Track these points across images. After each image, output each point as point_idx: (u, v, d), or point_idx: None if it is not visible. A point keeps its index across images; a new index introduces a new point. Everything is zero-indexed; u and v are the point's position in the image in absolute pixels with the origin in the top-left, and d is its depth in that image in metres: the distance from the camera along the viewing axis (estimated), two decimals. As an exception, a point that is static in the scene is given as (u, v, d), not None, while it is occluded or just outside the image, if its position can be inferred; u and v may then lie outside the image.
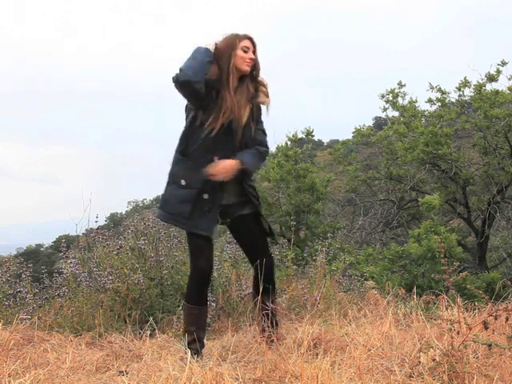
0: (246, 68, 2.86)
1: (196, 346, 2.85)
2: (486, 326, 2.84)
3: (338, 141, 14.30)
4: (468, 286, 3.31)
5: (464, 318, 3.10)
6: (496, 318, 2.87)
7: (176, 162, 2.88)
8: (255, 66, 2.91)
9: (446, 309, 3.75)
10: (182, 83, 2.67)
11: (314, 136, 12.22)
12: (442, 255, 2.90)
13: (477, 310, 4.02)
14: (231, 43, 2.84)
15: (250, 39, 2.90)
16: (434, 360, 2.62)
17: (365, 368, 2.64)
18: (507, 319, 2.86)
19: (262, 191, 10.43)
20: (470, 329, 2.78)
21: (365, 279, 6.38)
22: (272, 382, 2.52)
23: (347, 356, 2.84)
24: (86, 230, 5.14)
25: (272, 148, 11.38)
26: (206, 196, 2.80)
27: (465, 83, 9.67)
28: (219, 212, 2.90)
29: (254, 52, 2.89)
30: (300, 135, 11.59)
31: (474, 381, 2.40)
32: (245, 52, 2.84)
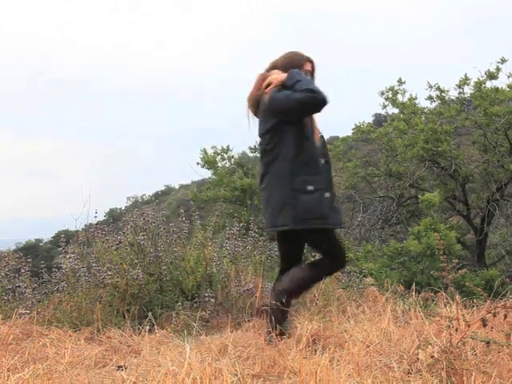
0: None
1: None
2: (484, 323, 2.85)
3: (337, 137, 14.25)
4: (467, 284, 3.30)
5: (462, 315, 3.10)
6: (494, 315, 2.87)
7: (295, 175, 3.06)
8: None
9: (445, 306, 3.75)
10: (325, 103, 3.02)
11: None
12: (441, 252, 2.90)
13: (475, 308, 4.02)
14: (298, 64, 3.21)
15: (312, 62, 3.28)
16: (432, 357, 2.63)
17: (363, 364, 2.64)
18: (505, 316, 2.86)
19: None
20: (469, 326, 2.78)
21: (364, 276, 6.39)
22: (271, 378, 2.53)
23: (346, 352, 2.85)
24: (86, 225, 5.14)
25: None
26: (327, 194, 3.10)
27: (465, 81, 9.66)
28: None
29: (313, 74, 3.27)
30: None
31: (473, 378, 2.40)
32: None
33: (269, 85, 3.17)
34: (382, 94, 11.13)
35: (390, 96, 11.01)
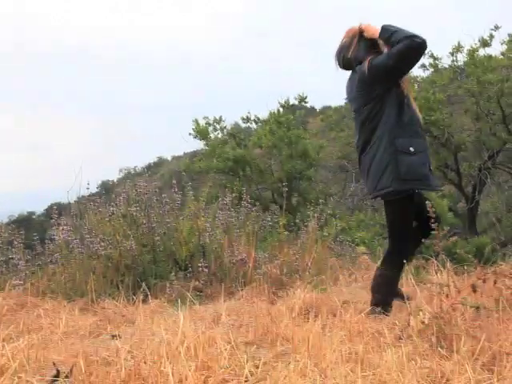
0: None
1: (386, 306, 3.18)
2: (474, 289, 2.88)
3: (330, 107, 14.19)
4: (458, 251, 3.34)
5: (453, 281, 3.14)
6: (484, 282, 2.91)
7: (397, 135, 3.11)
8: None
9: (436, 273, 3.79)
10: (425, 45, 3.04)
11: (307, 102, 12.11)
12: (433, 221, 2.91)
13: (466, 274, 4.06)
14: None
15: None
16: (423, 323, 2.66)
17: (355, 331, 2.68)
18: (495, 282, 2.90)
19: (254, 158, 10.41)
20: (459, 292, 2.82)
21: (356, 245, 6.44)
22: (264, 345, 2.56)
23: (338, 320, 2.88)
24: (78, 197, 5.13)
25: (264, 114, 11.30)
26: (425, 157, 3.18)
27: (458, 48, 9.58)
28: None
29: None
30: (292, 101, 11.49)
31: (462, 342, 2.44)
32: None
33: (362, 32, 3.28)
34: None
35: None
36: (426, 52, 10.53)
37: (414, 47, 3.03)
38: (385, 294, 3.21)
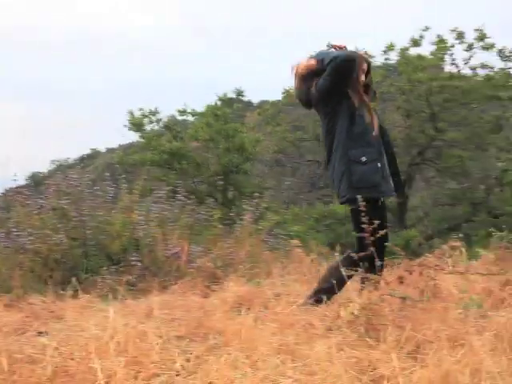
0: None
1: (330, 295, 3.17)
2: (401, 280, 2.99)
3: (267, 101, 14.26)
4: (387, 244, 3.44)
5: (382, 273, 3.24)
6: (411, 273, 3.02)
7: (350, 147, 3.31)
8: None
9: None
10: (344, 62, 3.29)
11: (244, 96, 12.15)
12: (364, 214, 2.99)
13: (395, 266, 4.20)
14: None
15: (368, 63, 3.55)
16: (352, 314, 2.73)
17: (287, 323, 2.71)
18: (420, 274, 3.01)
19: (191, 151, 10.34)
20: (387, 284, 2.91)
21: (291, 238, 6.52)
22: (196, 339, 2.55)
23: (270, 312, 2.91)
24: (5, 189, 4.93)
25: (201, 108, 11.23)
26: (379, 164, 3.29)
27: (390, 47, 9.85)
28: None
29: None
30: (230, 95, 11.48)
31: (388, 332, 2.52)
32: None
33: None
34: (312, 57, 11.18)
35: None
36: (361, 49, 10.76)
37: (339, 67, 3.30)
38: (329, 287, 3.23)
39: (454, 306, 3.01)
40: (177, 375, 2.09)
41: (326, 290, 3.23)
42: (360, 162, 3.29)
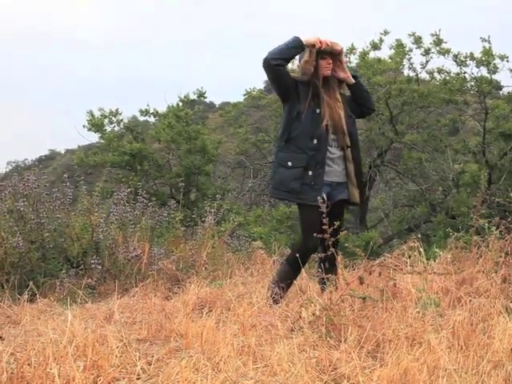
0: (327, 72, 3.41)
1: (278, 296, 3.24)
2: (361, 280, 3.03)
3: (229, 103, 14.25)
4: (347, 245, 3.49)
5: (343, 274, 3.28)
6: (370, 273, 3.07)
7: (281, 149, 3.41)
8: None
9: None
10: (263, 64, 3.32)
11: (206, 97, 12.07)
12: (324, 215, 3.02)
13: (356, 267, 4.26)
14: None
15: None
16: (313, 314, 2.76)
17: (249, 324, 2.72)
18: (380, 274, 3.07)
19: (152, 152, 10.24)
20: (348, 284, 2.95)
21: (253, 239, 6.53)
22: (157, 342, 2.53)
23: (232, 314, 2.91)
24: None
25: (163, 108, 11.12)
26: (310, 172, 3.29)
27: (351, 49, 9.97)
28: (326, 193, 3.35)
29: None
30: (192, 96, 11.41)
31: (349, 331, 2.56)
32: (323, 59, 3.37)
33: None
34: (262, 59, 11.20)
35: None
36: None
37: (264, 67, 3.36)
38: (277, 287, 3.28)
39: (413, 305, 3.07)
40: (137, 379, 2.07)
41: (273, 294, 3.26)
42: (285, 166, 3.33)
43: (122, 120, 10.75)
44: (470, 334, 2.61)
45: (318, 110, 3.35)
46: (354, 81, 3.55)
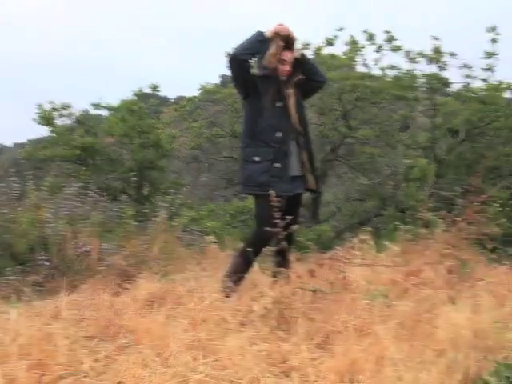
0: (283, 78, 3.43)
1: (230, 290, 3.21)
2: (312, 273, 3.07)
3: (184, 97, 14.13)
4: (299, 238, 3.52)
5: (295, 267, 3.31)
6: (321, 266, 3.10)
7: (246, 145, 3.42)
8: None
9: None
10: (230, 58, 3.38)
11: (160, 91, 11.93)
12: (276, 209, 3.03)
13: (307, 260, 4.29)
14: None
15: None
16: (265, 308, 2.77)
17: (200, 319, 2.71)
18: (330, 267, 3.10)
19: (105, 147, 10.06)
20: (299, 277, 2.98)
21: (206, 234, 6.50)
22: (106, 338, 2.49)
23: (183, 308, 2.89)
24: None
25: (116, 102, 10.94)
26: (277, 165, 3.32)
27: (305, 45, 10.04)
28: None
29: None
30: (146, 90, 11.26)
31: (299, 324, 2.58)
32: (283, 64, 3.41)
33: None
34: (229, 54, 11.19)
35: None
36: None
37: (230, 62, 3.43)
38: (230, 281, 3.28)
39: (362, 296, 3.13)
40: (85, 376, 2.03)
41: (226, 287, 3.27)
42: (252, 161, 3.36)
43: (73, 113, 10.51)
44: (416, 324, 2.68)
45: (278, 104, 3.40)
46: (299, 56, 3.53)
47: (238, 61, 3.35)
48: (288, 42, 3.39)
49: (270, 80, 3.42)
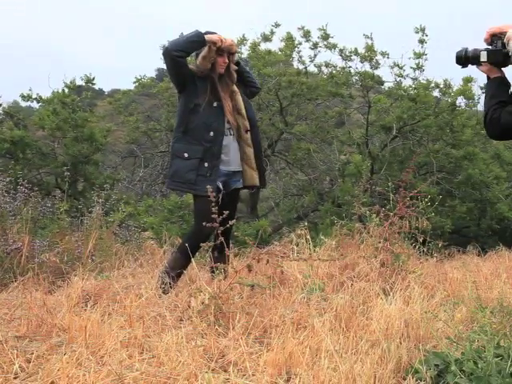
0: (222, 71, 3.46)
1: (168, 286, 3.23)
2: (250, 268, 3.08)
3: (119, 90, 13.81)
4: (236, 234, 3.54)
5: (231, 262, 3.31)
6: (259, 261, 3.12)
7: (177, 140, 3.44)
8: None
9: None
10: (163, 52, 3.39)
11: (94, 84, 11.60)
12: (214, 204, 3.02)
13: (245, 255, 4.32)
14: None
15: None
16: (203, 303, 2.77)
17: (136, 316, 2.67)
18: (268, 262, 3.13)
19: (36, 140, 9.71)
20: (237, 272, 2.98)
21: (143, 230, 6.41)
22: (38, 338, 2.42)
23: (119, 306, 2.85)
24: None
25: (47, 94, 10.56)
26: (206, 164, 3.33)
27: (242, 40, 10.03)
28: (222, 182, 3.42)
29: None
30: (79, 82, 10.92)
31: (237, 319, 2.59)
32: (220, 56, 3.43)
33: None
34: (163, 47, 11.04)
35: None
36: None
37: (163, 55, 3.44)
38: (167, 277, 3.26)
39: (299, 290, 3.18)
40: (15, 378, 1.97)
41: (163, 283, 3.25)
42: (181, 157, 3.38)
43: (0, 105, 10.08)
44: (351, 316, 2.75)
45: (215, 104, 3.42)
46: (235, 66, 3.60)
47: (171, 56, 3.33)
48: (222, 50, 3.43)
49: (207, 79, 3.43)
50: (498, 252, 6.33)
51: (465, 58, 2.24)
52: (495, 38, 2.15)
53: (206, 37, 3.34)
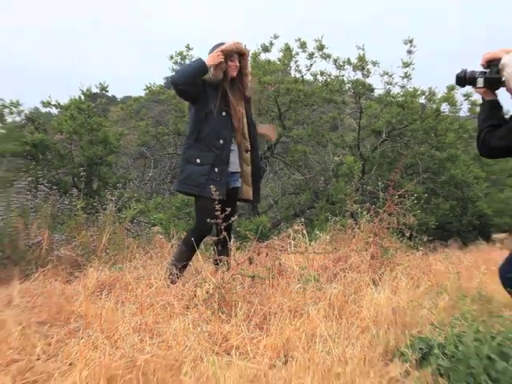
0: (233, 74, 3.44)
1: (175, 277, 3.22)
2: (250, 261, 3.11)
3: (130, 97, 13.83)
4: (238, 229, 3.56)
5: (234, 255, 3.33)
6: (259, 254, 3.14)
7: (189, 147, 3.41)
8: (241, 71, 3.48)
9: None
10: (171, 82, 3.37)
11: (108, 91, 11.64)
12: (217, 202, 3.04)
13: (247, 248, 4.33)
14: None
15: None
16: (207, 292, 2.78)
17: (147, 304, 2.69)
18: (267, 254, 3.15)
19: (55, 143, 9.74)
20: (239, 264, 3.00)
21: (153, 225, 6.43)
22: (57, 323, 2.44)
23: (131, 294, 2.86)
24: None
25: (65, 100, 10.58)
26: (216, 169, 3.35)
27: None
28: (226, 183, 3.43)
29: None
30: (94, 90, 10.96)
31: (239, 307, 2.61)
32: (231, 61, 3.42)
33: None
34: (172, 57, 11.02)
35: (179, 60, 11.00)
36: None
37: (172, 85, 3.41)
38: (174, 268, 3.28)
39: (296, 281, 3.19)
40: (37, 359, 1.99)
41: (170, 273, 3.27)
42: (193, 163, 3.37)
43: (23, 110, 10.11)
44: (344, 305, 2.77)
45: (224, 113, 3.40)
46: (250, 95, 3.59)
47: (178, 89, 3.34)
48: (231, 55, 3.41)
49: (218, 87, 3.41)
50: (478, 246, 6.35)
51: (464, 80, 2.35)
52: (491, 63, 2.22)
53: (207, 62, 3.31)
